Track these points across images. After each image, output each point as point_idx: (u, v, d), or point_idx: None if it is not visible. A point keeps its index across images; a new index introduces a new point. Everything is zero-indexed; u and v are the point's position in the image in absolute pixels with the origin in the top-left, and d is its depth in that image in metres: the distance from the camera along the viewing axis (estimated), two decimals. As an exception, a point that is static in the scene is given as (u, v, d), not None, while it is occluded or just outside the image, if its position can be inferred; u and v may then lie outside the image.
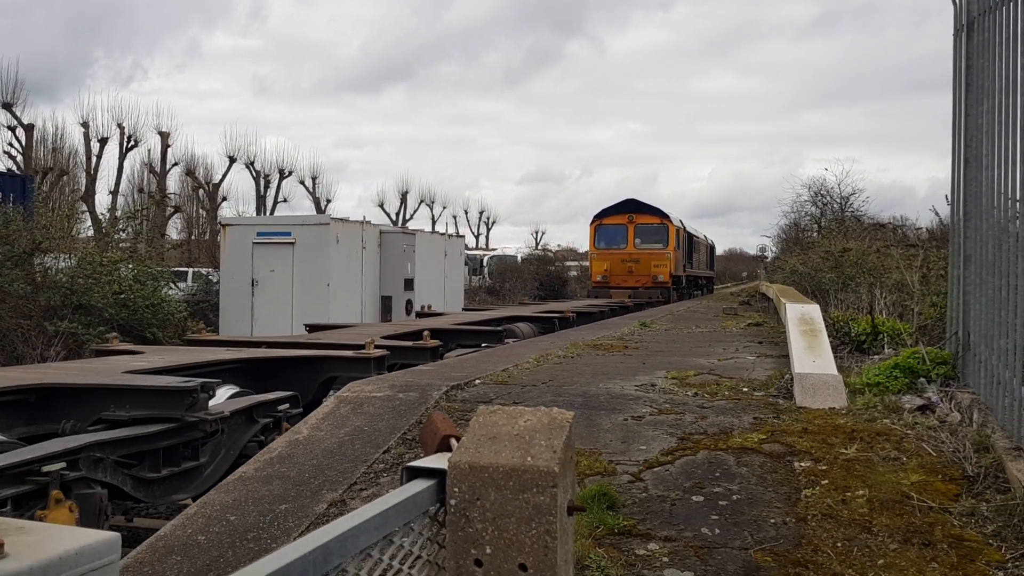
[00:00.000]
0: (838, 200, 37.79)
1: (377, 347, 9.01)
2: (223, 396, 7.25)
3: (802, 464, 4.62)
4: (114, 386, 6.12)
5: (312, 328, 14.07)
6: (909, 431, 5.16)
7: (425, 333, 10.73)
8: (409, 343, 10.56)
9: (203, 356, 8.29)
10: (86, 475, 5.22)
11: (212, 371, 7.72)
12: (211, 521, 4.19)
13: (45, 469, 4.85)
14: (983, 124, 5.90)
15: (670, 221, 30.37)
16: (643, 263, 29.55)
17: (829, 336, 8.17)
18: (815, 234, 35.23)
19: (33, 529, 1.13)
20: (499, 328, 13.86)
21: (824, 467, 4.54)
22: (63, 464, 4.96)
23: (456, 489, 1.88)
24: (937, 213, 18.78)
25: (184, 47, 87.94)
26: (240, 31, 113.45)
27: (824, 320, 8.91)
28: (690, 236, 35.46)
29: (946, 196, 7.44)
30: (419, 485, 1.83)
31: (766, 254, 55.52)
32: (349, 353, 9.03)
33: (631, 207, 30.48)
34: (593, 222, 30.92)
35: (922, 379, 6.49)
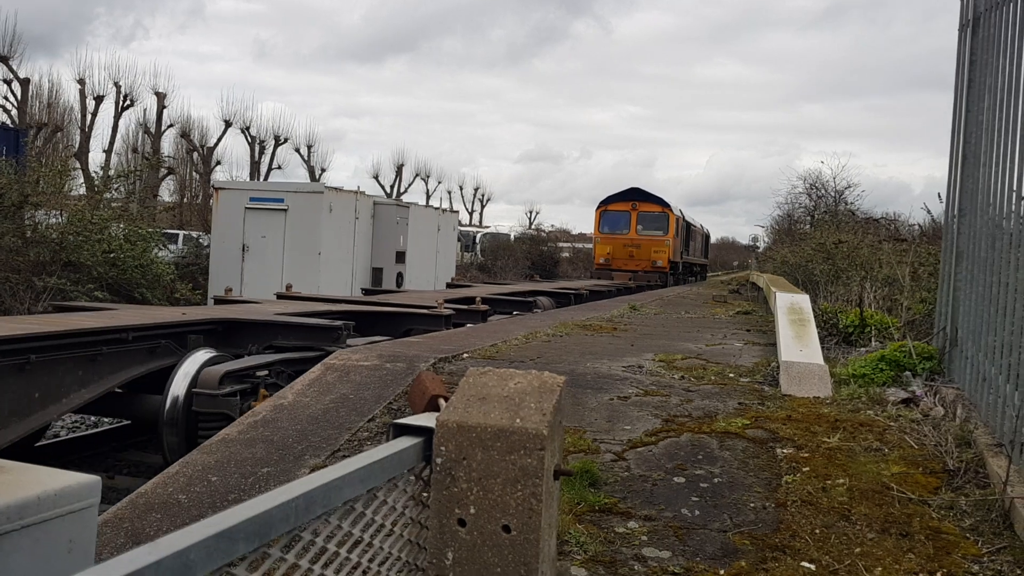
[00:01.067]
0: (833, 193, 37.80)
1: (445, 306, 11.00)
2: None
3: (784, 451, 4.64)
4: (281, 322, 8.55)
5: (367, 291, 16.42)
6: (892, 423, 5.19)
7: (477, 299, 12.59)
8: (464, 306, 12.21)
9: (315, 306, 10.34)
10: (276, 381, 7.18)
11: (329, 317, 9.36)
12: (192, 481, 4.18)
13: (258, 373, 7.13)
14: (983, 120, 5.90)
15: (671, 210, 31.82)
16: (644, 248, 31.05)
17: (817, 327, 8.19)
18: (808, 226, 35.28)
19: (12, 468, 1.11)
20: (530, 299, 15.76)
21: (806, 455, 4.57)
22: (266, 372, 7.19)
23: (443, 448, 1.87)
24: (929, 211, 18.82)
25: (187, 7, 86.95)
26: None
27: (813, 311, 8.93)
28: (688, 225, 36.98)
29: (939, 194, 7.44)
30: (406, 442, 1.82)
31: (758, 244, 55.69)
32: (424, 311, 10.91)
33: (635, 195, 31.96)
34: (599, 207, 32.40)
35: (908, 373, 6.51)
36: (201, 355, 7.31)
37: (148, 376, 7.35)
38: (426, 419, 1.93)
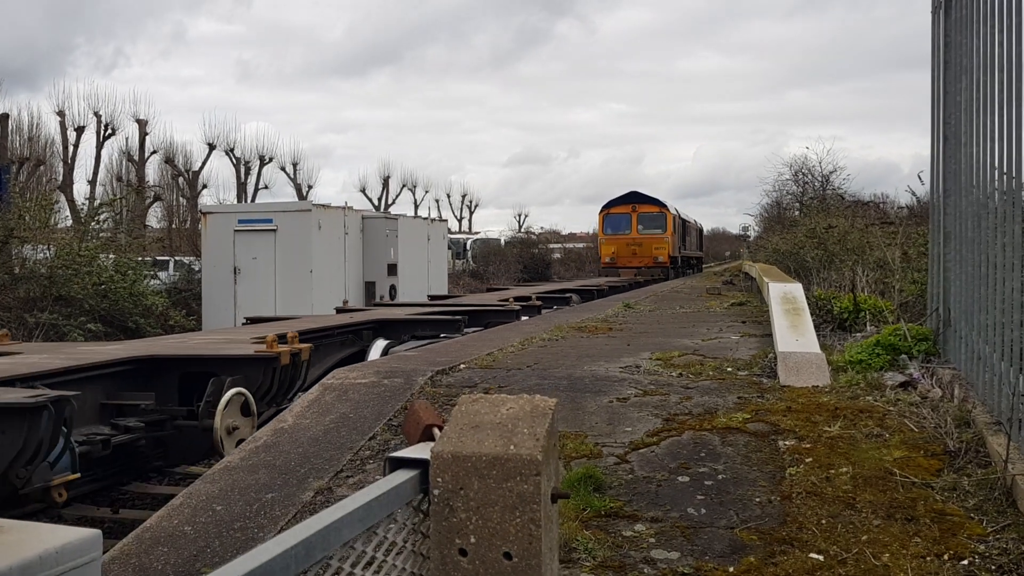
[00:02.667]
0: (819, 178, 37.92)
1: (515, 301, 14.96)
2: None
3: (786, 443, 4.65)
4: (418, 319, 11.99)
5: (433, 298, 20.10)
6: (891, 408, 5.21)
7: (532, 296, 16.54)
8: (525, 303, 15.33)
9: (418, 310, 13.85)
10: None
11: (437, 316, 12.56)
12: (197, 511, 4.18)
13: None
14: (961, 101, 5.93)
15: (668, 210, 34.73)
16: (645, 246, 34.00)
17: (812, 314, 8.22)
18: (796, 212, 35.40)
19: (12, 528, 1.11)
20: (567, 295, 19.42)
21: (808, 445, 4.58)
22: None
23: (439, 479, 1.87)
24: (913, 193, 18.90)
25: (168, 32, 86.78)
26: (224, 16, 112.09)
27: (807, 298, 8.96)
28: (684, 222, 39.62)
29: (920, 176, 7.48)
30: (402, 476, 1.82)
31: (748, 233, 56.13)
32: (499, 307, 14.36)
33: (634, 198, 35.01)
34: (601, 211, 35.49)
35: (904, 356, 6.54)
36: (381, 343, 11.07)
37: (349, 357, 10.55)
38: (421, 450, 1.93)
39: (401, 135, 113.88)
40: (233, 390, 7.08)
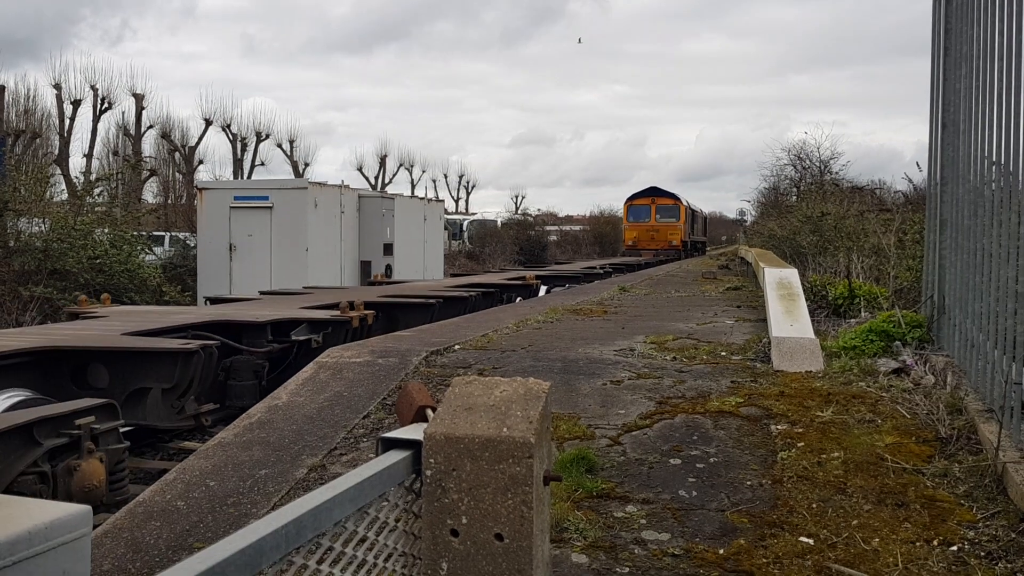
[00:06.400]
0: (818, 164, 37.83)
1: (535, 277, 17.19)
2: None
3: (779, 427, 4.67)
4: (457, 296, 12.93)
5: (455, 275, 22.40)
6: (884, 394, 5.23)
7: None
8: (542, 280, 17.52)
9: (456, 281, 16.20)
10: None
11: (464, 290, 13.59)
12: (190, 487, 4.18)
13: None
14: (961, 89, 5.91)
15: (680, 202, 42.09)
16: (661, 232, 40.83)
17: (807, 300, 8.23)
18: (794, 198, 35.36)
19: (2, 503, 1.11)
20: (584, 275, 21.29)
21: (800, 430, 4.60)
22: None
23: (432, 460, 1.88)
24: (910, 180, 18.89)
25: (176, 7, 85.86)
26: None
27: (802, 284, 8.96)
28: (693, 212, 46.35)
29: (917, 164, 7.49)
30: (394, 456, 1.83)
31: (745, 218, 56.70)
32: (520, 282, 16.25)
33: (654, 192, 42.19)
34: (626, 203, 42.98)
35: (897, 342, 6.56)
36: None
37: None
38: (414, 431, 1.94)
39: (404, 113, 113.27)
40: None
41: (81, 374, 7.00)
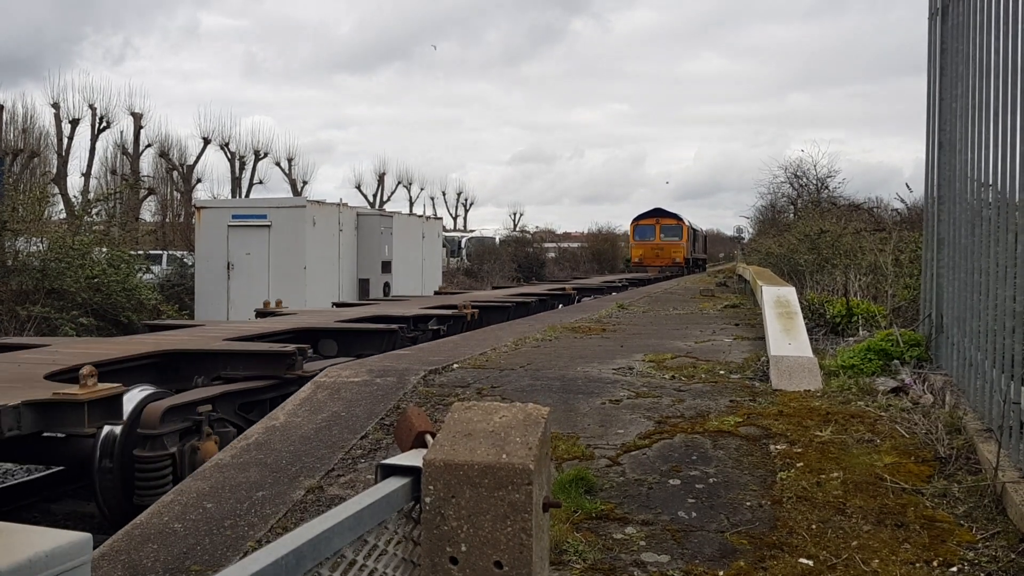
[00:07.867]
0: (815, 181, 37.99)
1: (572, 289, 19.31)
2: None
3: (778, 447, 4.66)
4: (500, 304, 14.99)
5: (495, 288, 23.43)
6: (883, 413, 5.22)
7: (568, 286, 21.31)
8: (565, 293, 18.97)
9: (517, 289, 18.65)
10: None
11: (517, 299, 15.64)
12: (188, 508, 4.17)
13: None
14: (957, 108, 5.94)
15: (683, 222, 45.04)
16: (665, 250, 43.97)
17: (805, 318, 8.23)
18: (791, 215, 35.49)
19: (3, 531, 1.11)
20: (605, 287, 23.70)
21: (799, 450, 4.59)
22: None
23: (431, 487, 1.87)
24: (903, 200, 18.97)
25: (179, 25, 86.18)
26: (235, 11, 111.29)
27: (800, 302, 8.97)
28: (694, 231, 49.35)
29: (907, 184, 7.54)
30: (394, 483, 1.82)
31: (743, 235, 57.27)
32: (561, 292, 18.78)
33: (658, 213, 45.15)
34: (632, 223, 45.88)
35: (896, 361, 6.55)
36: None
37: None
38: (413, 457, 1.93)
39: (404, 132, 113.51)
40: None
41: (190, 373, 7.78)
